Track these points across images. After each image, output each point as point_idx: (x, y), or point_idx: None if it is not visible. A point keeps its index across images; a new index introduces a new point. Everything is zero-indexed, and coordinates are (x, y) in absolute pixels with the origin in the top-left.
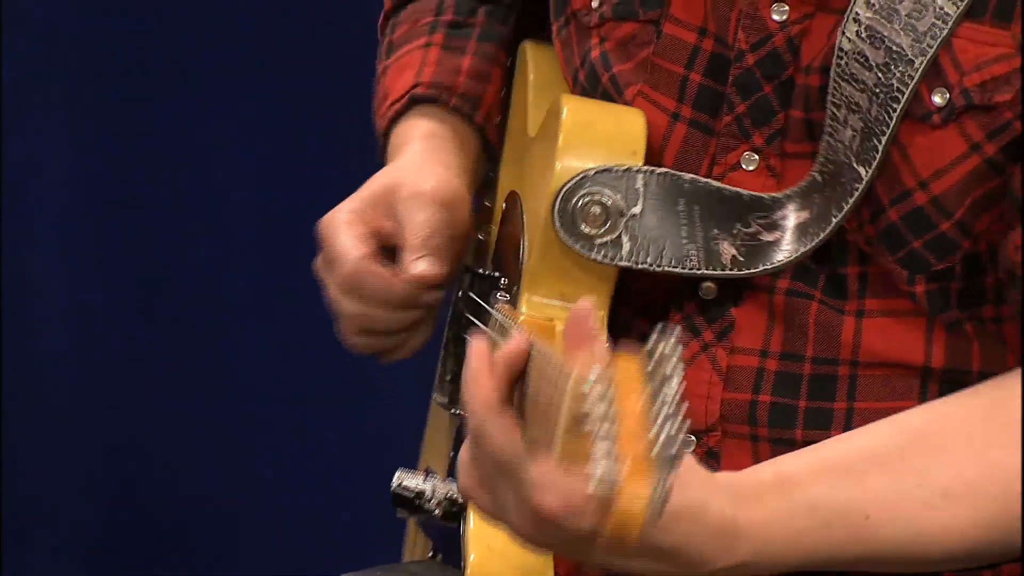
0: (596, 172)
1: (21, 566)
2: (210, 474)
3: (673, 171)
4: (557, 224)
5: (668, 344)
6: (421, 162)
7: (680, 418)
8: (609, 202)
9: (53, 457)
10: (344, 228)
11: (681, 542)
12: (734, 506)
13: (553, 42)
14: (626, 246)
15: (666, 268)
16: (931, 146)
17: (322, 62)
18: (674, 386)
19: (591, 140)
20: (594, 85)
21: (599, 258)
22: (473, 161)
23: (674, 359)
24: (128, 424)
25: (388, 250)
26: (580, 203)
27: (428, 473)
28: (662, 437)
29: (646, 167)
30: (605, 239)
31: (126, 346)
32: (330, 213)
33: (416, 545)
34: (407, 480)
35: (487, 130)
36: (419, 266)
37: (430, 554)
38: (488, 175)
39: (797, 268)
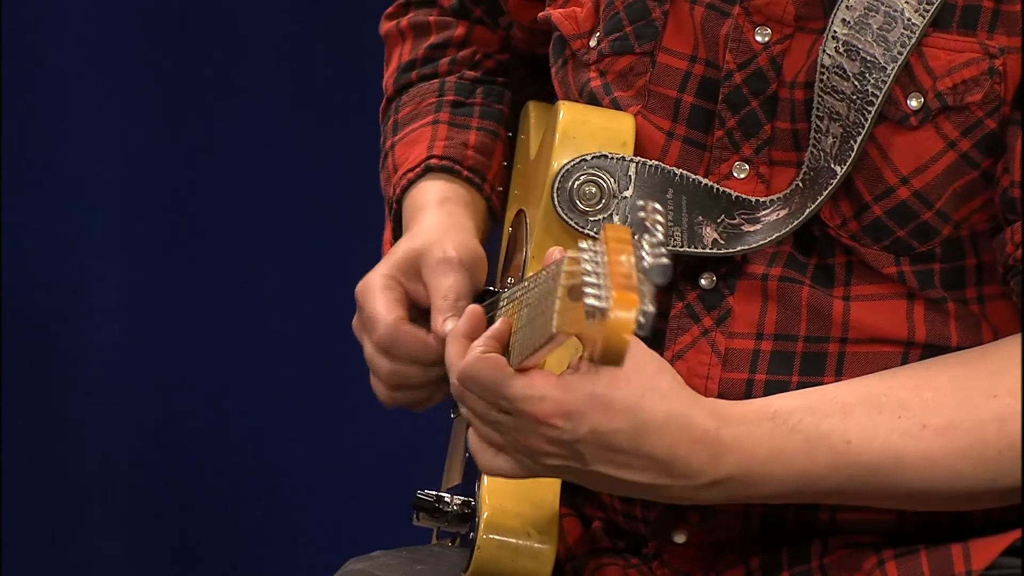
0: (594, 157)
1: (72, 541)
2: (241, 467)
3: (664, 165)
4: (556, 200)
5: (652, 207)
6: (442, 227)
7: (663, 251)
8: (604, 184)
9: (107, 440)
10: (379, 293)
11: (670, 450)
12: (718, 421)
13: (552, 83)
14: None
15: None
16: (910, 146)
17: (356, 73)
18: (659, 231)
19: (586, 132)
20: None
21: (592, 233)
22: (482, 222)
23: (657, 216)
24: (172, 411)
25: (418, 310)
26: (577, 183)
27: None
28: (645, 261)
29: (639, 158)
30: (598, 217)
31: (169, 338)
32: (365, 279)
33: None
34: (427, 489)
35: (492, 199)
36: (448, 326)
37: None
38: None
39: (788, 259)
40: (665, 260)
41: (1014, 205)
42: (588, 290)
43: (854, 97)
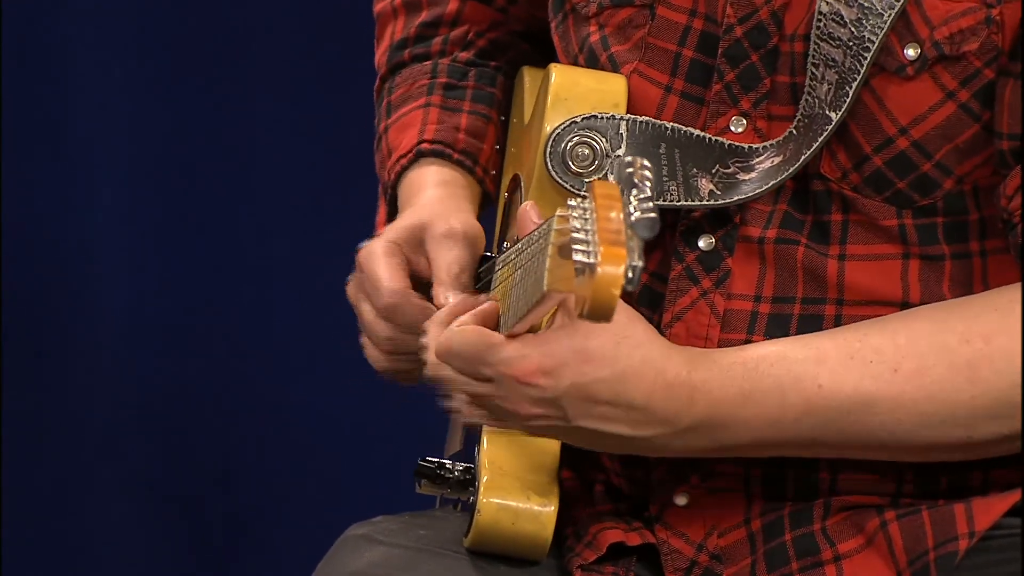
0: (584, 118)
1: (82, 498)
2: (244, 438)
3: (654, 119)
4: (549, 164)
5: (640, 163)
6: (445, 202)
7: (651, 205)
8: (596, 145)
9: (114, 405)
10: (383, 259)
11: (648, 397)
12: (689, 365)
13: (552, 39)
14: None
15: None
16: (907, 96)
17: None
18: (647, 187)
19: (577, 95)
20: (592, 65)
21: (585, 194)
22: (478, 205)
23: (646, 172)
24: (181, 375)
25: (417, 282)
26: (569, 145)
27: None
28: (633, 216)
29: (629, 115)
30: (593, 178)
31: (179, 303)
32: (368, 244)
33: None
34: (429, 456)
35: (485, 182)
36: (450, 298)
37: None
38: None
39: (784, 217)
40: (653, 214)
41: (1004, 158)
42: (577, 247)
43: (850, 44)
